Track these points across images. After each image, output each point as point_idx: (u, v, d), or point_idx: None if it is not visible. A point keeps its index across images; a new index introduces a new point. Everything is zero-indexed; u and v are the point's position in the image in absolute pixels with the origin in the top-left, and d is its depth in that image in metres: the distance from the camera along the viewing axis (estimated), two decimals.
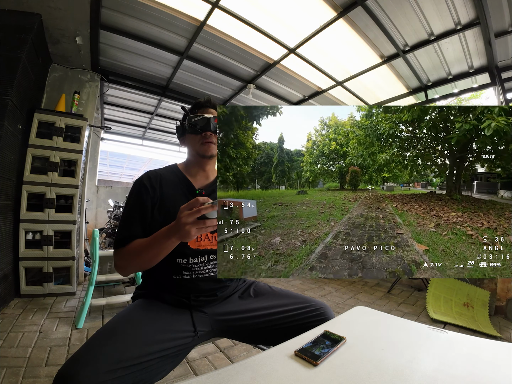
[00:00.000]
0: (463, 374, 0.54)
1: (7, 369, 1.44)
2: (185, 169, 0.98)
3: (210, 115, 0.93)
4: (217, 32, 2.74)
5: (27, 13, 2.33)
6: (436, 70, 3.17)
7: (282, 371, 0.54)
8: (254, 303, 0.94)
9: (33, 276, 2.56)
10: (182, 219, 0.65)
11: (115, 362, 0.62)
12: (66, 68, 3.09)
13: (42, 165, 2.64)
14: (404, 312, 2.52)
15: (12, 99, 2.17)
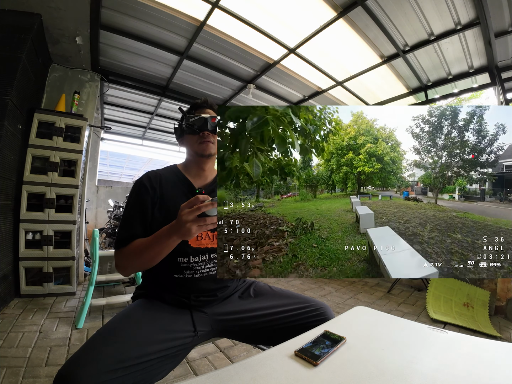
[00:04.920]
0: (463, 374, 0.54)
1: (7, 369, 1.44)
2: (185, 169, 0.98)
3: (207, 115, 0.94)
4: (217, 32, 2.74)
5: (27, 13, 2.33)
6: (436, 70, 3.16)
7: (282, 371, 0.53)
8: (254, 303, 0.94)
9: (33, 276, 2.56)
10: (183, 217, 0.66)
11: (115, 362, 0.62)
12: (66, 68, 3.09)
13: (42, 165, 2.64)
14: (404, 312, 2.51)
15: (12, 99, 2.17)
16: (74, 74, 3.13)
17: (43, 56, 2.77)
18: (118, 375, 0.62)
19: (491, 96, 5.65)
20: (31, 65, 2.44)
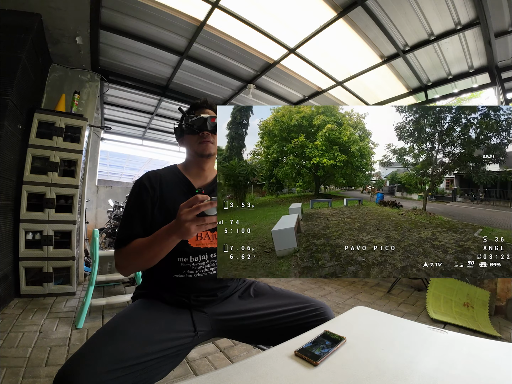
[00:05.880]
0: (463, 374, 0.54)
1: (7, 369, 1.44)
2: (185, 169, 0.98)
3: (206, 115, 0.94)
4: (217, 32, 2.74)
5: (27, 13, 2.33)
6: (436, 70, 3.16)
7: (282, 371, 0.53)
8: (254, 303, 0.94)
9: (33, 276, 2.56)
10: (182, 216, 0.66)
11: (115, 362, 0.62)
12: (66, 68, 3.09)
13: (42, 165, 2.64)
14: (404, 312, 2.51)
15: (12, 99, 2.17)
16: (74, 74, 3.13)
17: (43, 56, 2.77)
18: (118, 375, 0.62)
19: (491, 96, 5.65)
20: (31, 65, 2.44)
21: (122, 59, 3.23)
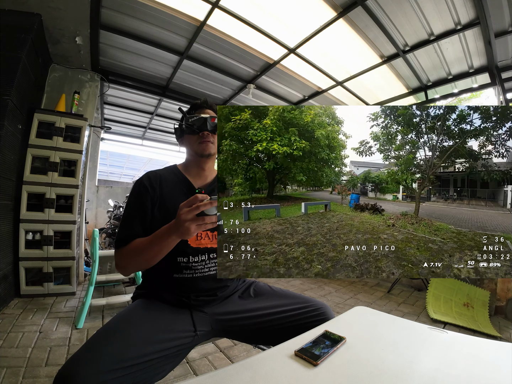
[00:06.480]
0: (463, 374, 0.54)
1: (7, 369, 1.44)
2: (185, 169, 0.98)
3: (206, 115, 0.95)
4: (217, 32, 2.74)
5: (27, 13, 2.33)
6: (436, 70, 3.16)
7: (282, 371, 0.53)
8: (254, 303, 0.94)
9: (33, 276, 2.56)
10: (182, 216, 0.66)
11: (115, 362, 0.62)
12: (66, 68, 3.09)
13: (42, 165, 2.64)
14: (404, 312, 2.51)
15: (12, 99, 2.17)
16: (74, 74, 3.13)
17: (43, 56, 2.77)
18: (118, 375, 0.62)
19: (491, 96, 5.64)
20: (31, 65, 2.43)
21: (122, 59, 3.23)
